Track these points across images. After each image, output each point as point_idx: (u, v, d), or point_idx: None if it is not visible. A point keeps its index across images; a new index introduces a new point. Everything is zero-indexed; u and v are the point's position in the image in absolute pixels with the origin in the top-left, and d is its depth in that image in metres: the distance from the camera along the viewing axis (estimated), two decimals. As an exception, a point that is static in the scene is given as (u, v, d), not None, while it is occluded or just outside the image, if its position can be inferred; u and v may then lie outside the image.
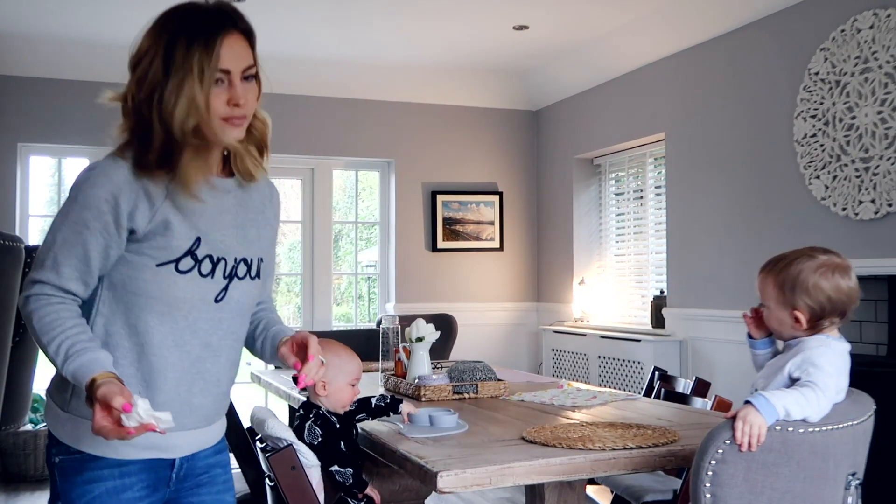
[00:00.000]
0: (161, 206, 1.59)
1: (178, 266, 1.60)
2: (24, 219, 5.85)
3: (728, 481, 1.78)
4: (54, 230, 1.58)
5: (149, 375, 1.59)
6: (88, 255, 1.56)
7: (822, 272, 1.96)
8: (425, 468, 1.88)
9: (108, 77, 5.94)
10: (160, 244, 1.58)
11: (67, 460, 1.60)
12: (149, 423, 1.42)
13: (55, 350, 1.51)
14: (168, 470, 1.67)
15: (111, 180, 1.58)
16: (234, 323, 1.71)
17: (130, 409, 1.41)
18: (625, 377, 5.35)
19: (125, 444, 1.55)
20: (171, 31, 1.56)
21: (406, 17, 5.19)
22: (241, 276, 1.69)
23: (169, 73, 1.55)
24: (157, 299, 1.59)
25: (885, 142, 3.85)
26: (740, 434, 1.75)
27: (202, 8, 1.60)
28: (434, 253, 6.59)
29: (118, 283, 1.60)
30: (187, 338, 1.63)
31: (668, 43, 5.28)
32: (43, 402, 5.60)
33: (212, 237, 1.64)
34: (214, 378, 1.69)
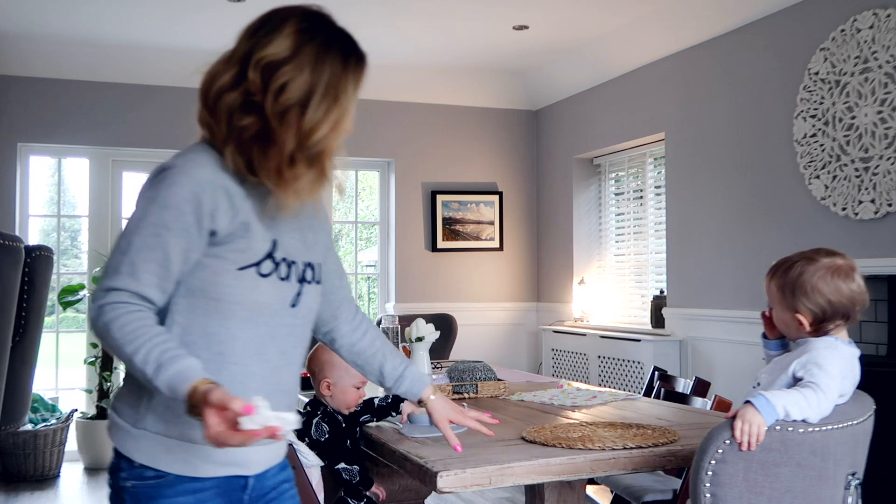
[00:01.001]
0: (242, 206, 1.51)
1: (259, 269, 1.52)
2: (24, 219, 5.86)
3: (728, 481, 1.78)
4: (129, 233, 1.46)
5: (229, 386, 1.44)
6: (168, 258, 1.46)
7: (822, 275, 1.96)
8: (425, 468, 1.88)
9: (108, 77, 5.98)
10: (241, 246, 1.51)
11: (142, 485, 1.50)
12: (273, 425, 1.32)
13: (143, 360, 1.39)
14: (240, 492, 1.58)
15: (193, 178, 1.48)
16: (304, 329, 1.66)
17: (253, 411, 1.30)
18: (625, 377, 5.35)
19: (205, 461, 1.49)
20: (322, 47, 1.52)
21: (406, 17, 5.19)
22: (310, 280, 1.63)
23: (315, 90, 1.50)
24: (240, 305, 1.51)
25: (884, 142, 3.85)
26: (739, 433, 1.75)
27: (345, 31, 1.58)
28: (434, 253, 6.59)
29: (196, 289, 1.50)
30: (267, 345, 1.56)
31: (668, 43, 5.28)
32: (43, 402, 5.59)
33: (284, 240, 1.58)
34: (288, 388, 1.62)
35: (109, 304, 1.43)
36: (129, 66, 5.88)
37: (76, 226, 6.63)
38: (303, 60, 1.50)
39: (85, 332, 6.05)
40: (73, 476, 5.51)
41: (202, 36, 5.50)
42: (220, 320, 1.50)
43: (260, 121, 1.49)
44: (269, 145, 1.49)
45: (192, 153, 1.53)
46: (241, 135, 1.50)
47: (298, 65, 1.50)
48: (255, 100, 1.49)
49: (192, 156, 1.51)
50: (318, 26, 1.55)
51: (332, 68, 1.52)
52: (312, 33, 1.53)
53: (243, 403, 1.31)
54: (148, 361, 1.38)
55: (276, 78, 1.49)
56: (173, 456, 1.48)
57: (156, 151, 6.11)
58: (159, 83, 6.02)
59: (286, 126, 1.48)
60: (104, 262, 5.84)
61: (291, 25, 1.52)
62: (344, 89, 1.54)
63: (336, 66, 1.53)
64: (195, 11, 5.04)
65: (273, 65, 1.49)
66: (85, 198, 6.13)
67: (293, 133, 1.49)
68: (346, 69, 1.55)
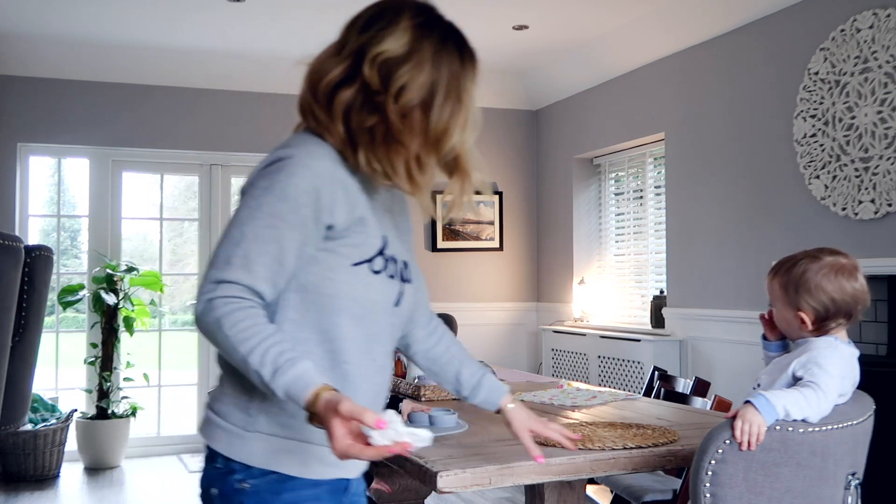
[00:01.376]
0: (357, 200, 1.46)
1: (372, 266, 1.47)
2: (24, 219, 5.86)
3: (728, 481, 1.78)
4: (241, 223, 1.38)
5: (342, 385, 1.39)
6: (284, 252, 1.38)
7: (825, 273, 1.96)
8: (425, 468, 1.87)
9: (108, 77, 5.98)
10: (356, 241, 1.45)
11: (263, 482, 1.42)
12: (405, 441, 1.26)
13: (258, 361, 1.31)
14: (342, 494, 1.52)
15: (313, 171, 1.41)
16: (401, 330, 1.62)
17: (385, 426, 1.25)
18: (624, 377, 5.35)
19: (320, 462, 1.44)
20: (440, 43, 1.46)
21: (406, 16, 5.19)
22: (407, 279, 1.59)
23: (436, 90, 1.44)
24: (354, 302, 1.45)
25: (884, 142, 3.85)
26: (739, 433, 1.75)
27: (456, 26, 1.51)
28: (434, 253, 6.59)
29: (309, 285, 1.43)
30: (374, 345, 1.51)
31: (668, 43, 5.28)
32: (43, 402, 5.59)
33: (390, 237, 1.53)
34: (385, 390, 1.58)
35: (221, 297, 1.34)
36: (129, 66, 5.88)
37: (76, 226, 6.63)
38: (422, 58, 1.44)
39: (85, 332, 6.05)
40: (73, 476, 5.51)
41: (202, 36, 5.50)
42: (334, 317, 1.44)
43: (384, 122, 1.43)
44: (394, 147, 1.44)
45: (306, 143, 1.45)
46: (371, 136, 1.44)
47: (418, 63, 1.43)
48: (376, 99, 1.42)
49: (309, 147, 1.44)
50: (433, 20, 1.48)
51: (451, 66, 1.46)
52: (429, 28, 1.46)
53: (376, 417, 1.25)
54: (264, 364, 1.31)
55: (396, 78, 1.42)
56: (292, 457, 1.43)
57: (156, 151, 6.12)
58: (159, 83, 6.02)
59: (409, 128, 1.43)
60: (102, 260, 5.85)
61: (407, 20, 1.45)
62: (465, 88, 1.47)
63: (454, 64, 1.47)
64: (195, 11, 5.04)
65: (391, 62, 1.42)
66: (85, 198, 6.13)
67: (419, 136, 1.44)
68: (464, 66, 1.48)
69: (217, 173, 6.36)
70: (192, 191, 6.71)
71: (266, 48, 5.79)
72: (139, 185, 6.49)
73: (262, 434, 1.43)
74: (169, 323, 7.06)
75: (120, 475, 5.58)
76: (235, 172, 6.45)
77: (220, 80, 6.10)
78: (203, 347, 6.33)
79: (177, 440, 6.29)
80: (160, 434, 6.30)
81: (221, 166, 6.36)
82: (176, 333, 7.26)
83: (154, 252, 6.51)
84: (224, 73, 6.06)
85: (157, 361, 6.38)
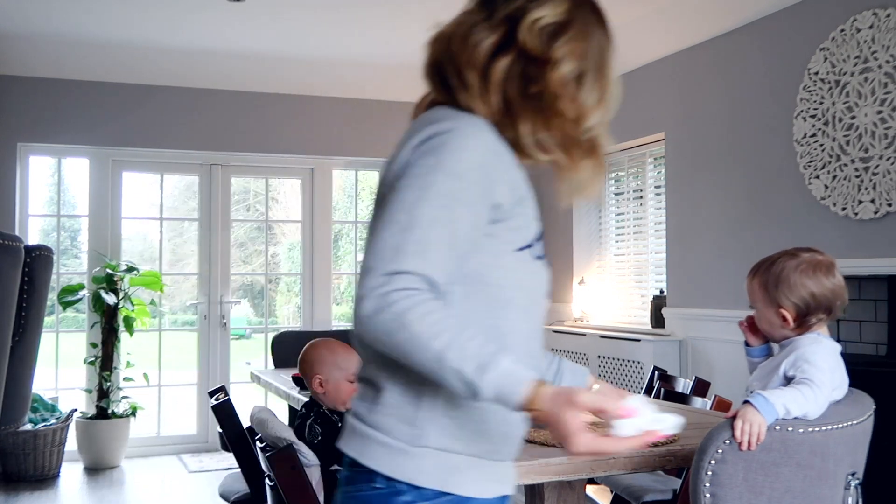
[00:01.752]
0: (518, 177, 1.32)
1: (534, 251, 1.33)
2: (24, 219, 5.86)
3: (728, 481, 1.78)
4: (409, 206, 1.21)
5: None
6: (456, 237, 1.22)
7: (804, 269, 2.00)
8: (425, 468, 1.87)
9: (108, 77, 5.98)
10: (518, 224, 1.30)
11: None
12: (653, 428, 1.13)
13: (458, 358, 1.15)
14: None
15: (481, 143, 1.26)
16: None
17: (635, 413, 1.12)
18: (624, 377, 5.35)
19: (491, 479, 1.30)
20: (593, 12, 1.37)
21: (406, 17, 5.19)
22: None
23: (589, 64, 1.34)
24: (521, 291, 1.31)
25: (884, 142, 3.85)
26: (740, 433, 1.75)
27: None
28: (434, 253, 6.58)
29: (473, 274, 1.26)
30: (535, 338, 1.36)
31: (668, 43, 5.28)
32: (43, 402, 5.59)
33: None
34: None
35: (400, 290, 1.17)
36: (129, 66, 5.88)
37: (76, 226, 6.64)
38: (580, 27, 1.33)
39: (85, 331, 6.05)
40: (73, 476, 5.51)
41: (202, 36, 5.50)
42: (502, 310, 1.29)
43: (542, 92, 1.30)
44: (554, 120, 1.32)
45: (462, 116, 1.29)
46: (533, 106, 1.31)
47: (577, 32, 1.33)
48: (535, 68, 1.30)
49: (468, 119, 1.28)
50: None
51: (600, 39, 1.36)
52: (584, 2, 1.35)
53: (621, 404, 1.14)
54: (465, 359, 1.14)
55: (557, 47, 1.30)
56: (465, 476, 1.27)
57: (156, 151, 6.12)
58: (159, 83, 6.02)
59: (568, 99, 1.31)
60: (102, 260, 5.85)
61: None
62: (610, 64, 1.37)
63: (603, 38, 1.37)
64: (195, 11, 5.03)
65: (550, 29, 1.31)
66: (85, 198, 6.13)
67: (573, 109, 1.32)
68: (609, 40, 1.38)
69: (217, 173, 6.36)
70: (192, 191, 6.72)
71: (266, 48, 5.79)
72: (139, 185, 6.49)
73: (431, 449, 1.25)
74: (169, 323, 7.07)
75: (120, 475, 5.58)
76: (235, 172, 6.46)
77: (220, 80, 6.10)
78: (203, 347, 6.33)
79: (177, 440, 6.29)
80: (160, 434, 6.30)
81: (221, 166, 6.36)
82: (176, 333, 7.26)
83: (154, 252, 6.51)
84: (224, 73, 6.06)
85: (157, 361, 6.38)
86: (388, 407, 1.27)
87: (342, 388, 2.45)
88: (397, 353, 1.18)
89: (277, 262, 7.32)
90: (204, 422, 6.24)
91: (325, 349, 2.51)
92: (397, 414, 1.26)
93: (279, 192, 7.08)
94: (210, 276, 6.32)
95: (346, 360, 2.48)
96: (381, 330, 1.17)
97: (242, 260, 7.72)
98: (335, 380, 2.44)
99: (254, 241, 7.18)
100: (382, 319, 1.16)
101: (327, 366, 2.44)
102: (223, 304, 6.35)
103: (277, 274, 7.21)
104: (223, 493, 3.13)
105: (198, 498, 5.07)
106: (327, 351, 2.49)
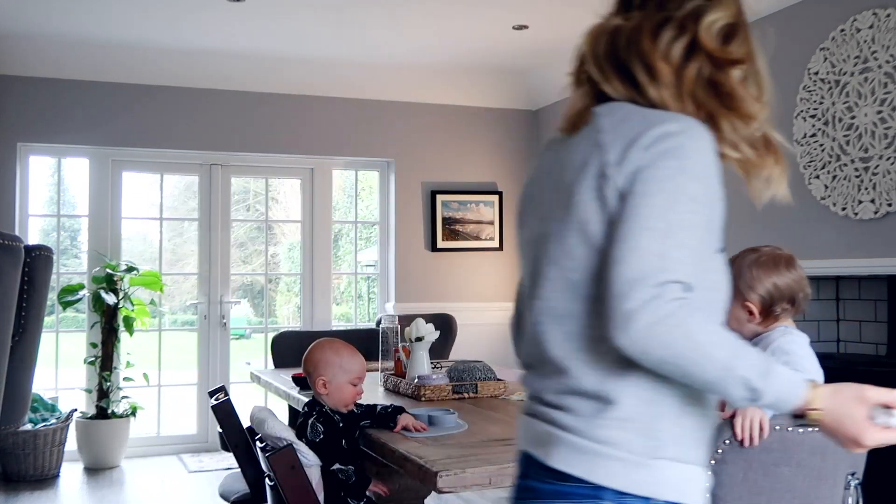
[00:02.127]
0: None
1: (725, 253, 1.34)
2: (24, 219, 5.86)
3: (727, 481, 1.78)
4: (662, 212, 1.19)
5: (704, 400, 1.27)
6: (701, 240, 1.23)
7: (765, 262, 2.10)
8: (425, 468, 1.88)
9: (108, 77, 5.98)
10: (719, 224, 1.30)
11: None
12: None
13: (745, 366, 1.15)
14: None
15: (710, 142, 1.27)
16: None
17: None
18: (624, 377, 5.34)
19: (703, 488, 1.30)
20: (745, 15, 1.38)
21: (406, 17, 5.19)
22: None
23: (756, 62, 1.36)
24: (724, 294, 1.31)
25: (884, 141, 3.85)
26: (740, 430, 1.75)
27: None
28: (434, 253, 6.59)
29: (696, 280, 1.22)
30: None
31: (668, 43, 5.27)
32: (43, 402, 5.59)
33: None
34: None
35: (673, 300, 1.15)
36: (129, 66, 5.88)
37: (76, 226, 6.64)
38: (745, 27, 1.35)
39: (85, 331, 6.05)
40: (73, 476, 5.51)
41: (202, 36, 5.50)
42: (715, 314, 1.29)
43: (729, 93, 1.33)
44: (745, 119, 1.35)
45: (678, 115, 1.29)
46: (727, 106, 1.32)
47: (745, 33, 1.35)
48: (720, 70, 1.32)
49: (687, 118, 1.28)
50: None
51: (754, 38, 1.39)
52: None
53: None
54: (750, 367, 1.15)
55: (734, 48, 1.33)
56: (696, 485, 1.26)
57: (156, 151, 6.11)
58: (159, 83, 6.02)
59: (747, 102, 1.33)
60: (102, 260, 5.85)
61: None
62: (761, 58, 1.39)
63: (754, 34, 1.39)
64: (195, 11, 5.04)
65: (727, 31, 1.33)
66: (85, 198, 6.13)
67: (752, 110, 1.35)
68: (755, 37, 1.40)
69: (217, 173, 6.36)
70: (192, 191, 6.72)
71: (266, 48, 5.79)
72: (139, 185, 6.49)
73: (668, 461, 1.23)
74: (169, 323, 7.07)
75: (120, 475, 5.58)
76: (235, 172, 6.46)
77: (220, 80, 6.10)
78: (203, 347, 6.33)
79: (177, 440, 6.29)
80: (160, 434, 6.30)
81: (221, 166, 6.36)
82: (176, 333, 7.26)
83: (154, 252, 6.51)
84: (224, 73, 6.06)
85: (156, 361, 6.38)
86: (621, 420, 1.24)
87: (345, 390, 2.45)
88: (676, 364, 1.16)
89: (277, 262, 7.32)
90: (204, 422, 6.24)
91: (329, 351, 2.51)
92: (633, 427, 1.23)
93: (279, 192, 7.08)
94: (210, 276, 6.32)
95: (350, 362, 2.48)
96: (661, 342, 1.15)
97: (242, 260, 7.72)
98: (338, 382, 2.44)
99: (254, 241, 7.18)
100: (661, 332, 1.15)
101: (331, 367, 2.44)
102: (223, 304, 6.35)
103: (277, 274, 7.21)
104: (223, 493, 3.13)
105: (198, 498, 5.07)
106: (332, 352, 2.49)
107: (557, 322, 1.31)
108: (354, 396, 2.47)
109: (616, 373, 1.24)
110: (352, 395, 2.46)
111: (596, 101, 1.36)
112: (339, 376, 2.44)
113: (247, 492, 2.97)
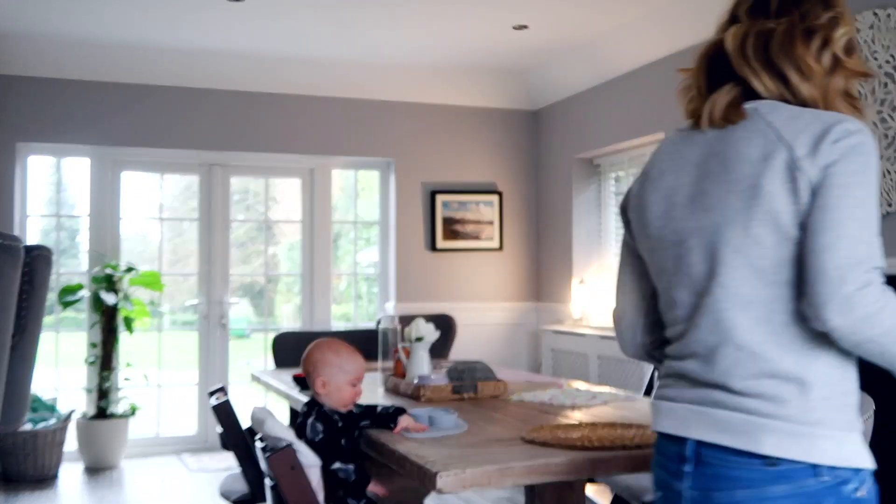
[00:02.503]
0: None
1: None
2: (24, 219, 5.86)
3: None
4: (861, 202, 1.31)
5: None
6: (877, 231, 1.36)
7: None
8: (425, 468, 1.87)
9: (108, 77, 5.97)
10: None
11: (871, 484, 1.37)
12: None
13: None
14: None
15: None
16: None
17: None
18: (624, 377, 5.34)
19: None
20: None
21: (406, 17, 5.19)
22: None
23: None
24: None
25: (884, 142, 3.85)
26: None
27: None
28: (433, 253, 6.59)
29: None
30: None
31: (668, 43, 5.28)
32: (42, 402, 5.59)
33: None
34: None
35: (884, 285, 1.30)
36: (129, 66, 5.88)
37: (76, 226, 6.63)
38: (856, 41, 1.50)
39: (85, 331, 6.05)
40: (73, 476, 5.51)
41: (202, 36, 5.50)
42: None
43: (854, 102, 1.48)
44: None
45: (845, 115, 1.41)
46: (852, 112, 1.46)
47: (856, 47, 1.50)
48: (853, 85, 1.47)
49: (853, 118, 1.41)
50: None
51: None
52: None
53: None
54: None
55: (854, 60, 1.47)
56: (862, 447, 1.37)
57: (156, 151, 6.12)
58: (159, 83, 6.02)
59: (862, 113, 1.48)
60: (102, 260, 5.85)
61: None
62: None
63: None
64: (195, 11, 5.04)
65: (850, 44, 1.47)
66: (85, 198, 6.13)
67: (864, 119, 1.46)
68: None
69: (217, 173, 6.36)
70: (192, 191, 6.71)
71: (266, 48, 5.79)
72: (139, 185, 6.49)
73: (857, 433, 1.37)
74: (168, 323, 7.06)
75: (119, 475, 5.58)
76: (235, 172, 6.46)
77: (220, 80, 6.10)
78: (203, 347, 6.33)
79: (176, 440, 6.29)
80: (160, 434, 6.30)
81: (221, 166, 6.36)
82: (175, 333, 7.26)
83: (154, 252, 6.51)
84: (224, 73, 6.06)
85: (156, 361, 6.38)
86: (822, 400, 1.34)
87: (344, 390, 2.44)
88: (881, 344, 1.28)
89: (277, 262, 7.31)
90: (204, 422, 6.24)
91: (329, 351, 2.50)
92: (833, 405, 1.34)
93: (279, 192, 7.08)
94: (210, 276, 6.32)
95: (349, 362, 2.48)
96: (876, 324, 1.27)
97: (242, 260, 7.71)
98: (337, 382, 2.44)
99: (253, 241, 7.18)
100: (879, 314, 1.27)
101: (331, 368, 2.43)
102: (223, 303, 6.35)
103: (277, 274, 7.21)
104: (223, 493, 3.13)
105: (198, 498, 5.07)
106: (332, 353, 2.49)
107: (743, 308, 1.38)
108: (353, 397, 2.46)
109: (809, 354, 1.34)
110: (351, 396, 2.45)
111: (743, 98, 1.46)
112: (338, 376, 2.43)
113: (247, 492, 2.97)
